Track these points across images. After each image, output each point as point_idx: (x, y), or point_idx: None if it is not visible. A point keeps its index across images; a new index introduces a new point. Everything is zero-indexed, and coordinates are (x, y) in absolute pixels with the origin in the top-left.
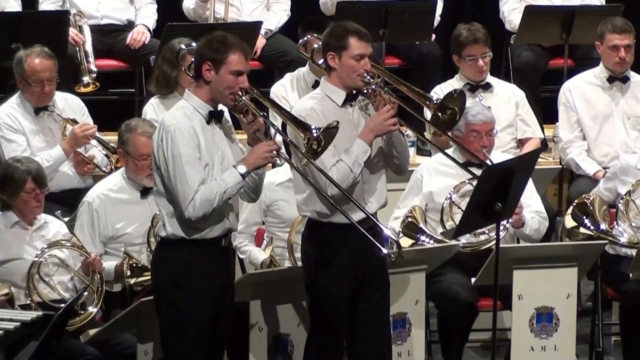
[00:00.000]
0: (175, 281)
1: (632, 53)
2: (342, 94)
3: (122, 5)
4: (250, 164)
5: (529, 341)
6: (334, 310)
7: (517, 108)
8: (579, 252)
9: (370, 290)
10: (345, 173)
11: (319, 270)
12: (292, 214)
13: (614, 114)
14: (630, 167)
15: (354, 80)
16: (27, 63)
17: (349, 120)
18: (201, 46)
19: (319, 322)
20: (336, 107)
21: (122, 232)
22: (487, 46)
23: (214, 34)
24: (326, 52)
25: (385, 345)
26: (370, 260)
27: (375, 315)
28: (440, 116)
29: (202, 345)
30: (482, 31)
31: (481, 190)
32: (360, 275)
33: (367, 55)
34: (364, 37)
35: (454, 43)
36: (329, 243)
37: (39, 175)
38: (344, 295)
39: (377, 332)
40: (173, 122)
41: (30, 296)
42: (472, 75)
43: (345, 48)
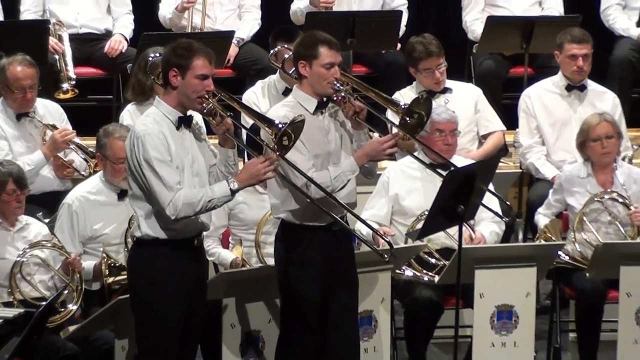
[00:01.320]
0: (149, 280)
1: (589, 62)
2: (313, 101)
3: (99, 15)
4: (243, 182)
5: (490, 338)
6: (306, 309)
7: (476, 106)
8: (538, 253)
9: (340, 289)
10: (325, 181)
11: (292, 271)
12: (252, 216)
13: (572, 121)
14: (573, 177)
15: (325, 87)
16: (10, 71)
17: (320, 127)
18: (166, 54)
19: (291, 321)
20: (308, 114)
21: (101, 233)
22: (441, 57)
23: (178, 41)
24: (297, 60)
25: (354, 343)
26: (340, 261)
27: (345, 314)
28: (408, 120)
29: (176, 341)
30: (435, 43)
31: (444, 193)
32: (331, 275)
33: (337, 64)
34: (334, 46)
35: (409, 57)
36: (301, 244)
37: (20, 178)
38: (315, 295)
39: (346, 330)
40: (143, 128)
41: (13, 294)
42: (430, 86)
43: (316, 57)
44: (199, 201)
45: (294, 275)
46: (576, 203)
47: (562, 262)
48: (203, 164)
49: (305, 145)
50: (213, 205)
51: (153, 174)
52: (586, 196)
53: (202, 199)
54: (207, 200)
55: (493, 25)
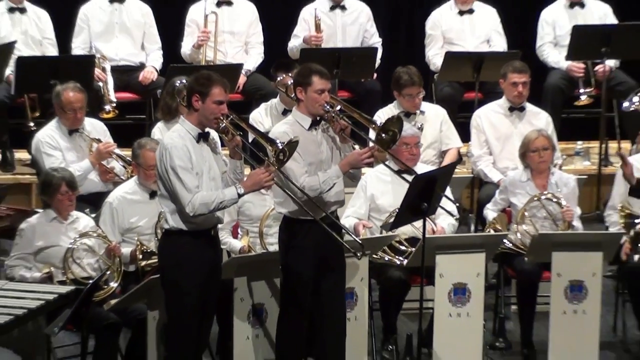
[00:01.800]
0: (175, 263)
1: (527, 88)
2: (308, 120)
3: (135, 51)
4: (247, 188)
5: (448, 309)
6: (301, 286)
7: (441, 125)
8: (486, 241)
9: (330, 271)
10: (315, 184)
11: (291, 255)
12: (257, 212)
13: (514, 135)
14: (515, 181)
15: (317, 109)
16: (63, 96)
17: (314, 140)
18: (191, 82)
19: (289, 294)
20: (304, 130)
21: (136, 225)
22: (421, 86)
23: (201, 72)
24: (295, 87)
25: (341, 313)
26: (331, 248)
27: (335, 290)
28: (383, 136)
29: (197, 312)
30: (417, 74)
31: (411, 193)
32: (323, 259)
33: (327, 90)
34: (325, 75)
35: (396, 83)
36: (299, 234)
37: (71, 181)
38: (308, 275)
39: (336, 303)
40: (170, 141)
41: (66, 274)
42: (408, 108)
43: (310, 84)
44: (212, 202)
45: (293, 259)
46: (518, 202)
47: (506, 249)
48: (217, 171)
49: (301, 155)
50: (223, 206)
51: (177, 179)
52: (527, 197)
53: (215, 201)
54: (219, 202)
55: (450, 59)
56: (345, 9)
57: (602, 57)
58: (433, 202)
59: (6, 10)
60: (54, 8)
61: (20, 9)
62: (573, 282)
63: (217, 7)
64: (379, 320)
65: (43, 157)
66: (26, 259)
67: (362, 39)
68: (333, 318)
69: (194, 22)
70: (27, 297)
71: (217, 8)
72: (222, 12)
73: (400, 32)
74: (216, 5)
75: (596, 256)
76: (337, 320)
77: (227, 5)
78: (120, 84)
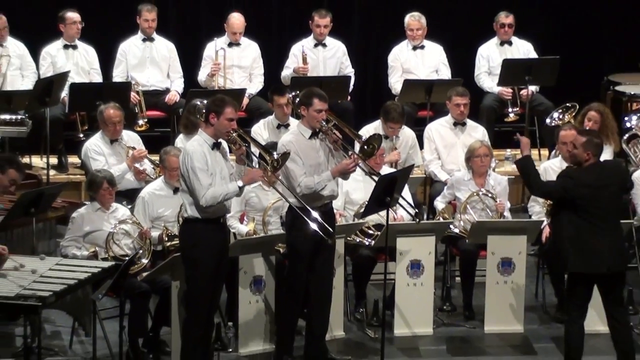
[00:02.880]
0: (193, 244)
1: (467, 108)
2: (309, 131)
3: (162, 78)
4: (245, 182)
5: (406, 280)
6: (299, 259)
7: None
8: (436, 227)
9: (323, 250)
10: (310, 184)
11: (293, 235)
12: (260, 204)
13: (457, 145)
14: (460, 180)
15: (316, 124)
16: (105, 112)
17: (313, 148)
18: (209, 103)
19: (290, 266)
20: (305, 139)
21: (162, 214)
22: (402, 122)
23: (217, 95)
24: (299, 106)
25: (329, 283)
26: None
27: (326, 264)
28: (365, 148)
29: (210, 282)
30: (403, 114)
31: (377, 190)
32: (317, 240)
33: (324, 110)
34: (323, 98)
35: (385, 113)
36: (299, 218)
37: (111, 180)
38: (306, 251)
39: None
40: (191, 148)
41: (107, 253)
42: (389, 134)
43: (311, 105)
44: (219, 195)
45: (295, 238)
46: (462, 196)
47: (451, 233)
48: (227, 173)
49: (301, 159)
50: (228, 197)
51: (195, 177)
52: (469, 192)
53: (222, 194)
54: (225, 194)
55: (407, 85)
56: (326, 46)
57: (526, 83)
58: (394, 196)
59: (62, 47)
60: (99, 45)
61: (73, 46)
62: (504, 259)
63: (229, 47)
64: (352, 289)
65: (90, 161)
66: (77, 240)
67: (339, 69)
68: (323, 287)
69: (209, 56)
70: (77, 271)
71: (228, 47)
72: (232, 51)
73: (368, 64)
74: (228, 45)
75: (522, 239)
76: (326, 289)
77: (236, 45)
78: (150, 104)
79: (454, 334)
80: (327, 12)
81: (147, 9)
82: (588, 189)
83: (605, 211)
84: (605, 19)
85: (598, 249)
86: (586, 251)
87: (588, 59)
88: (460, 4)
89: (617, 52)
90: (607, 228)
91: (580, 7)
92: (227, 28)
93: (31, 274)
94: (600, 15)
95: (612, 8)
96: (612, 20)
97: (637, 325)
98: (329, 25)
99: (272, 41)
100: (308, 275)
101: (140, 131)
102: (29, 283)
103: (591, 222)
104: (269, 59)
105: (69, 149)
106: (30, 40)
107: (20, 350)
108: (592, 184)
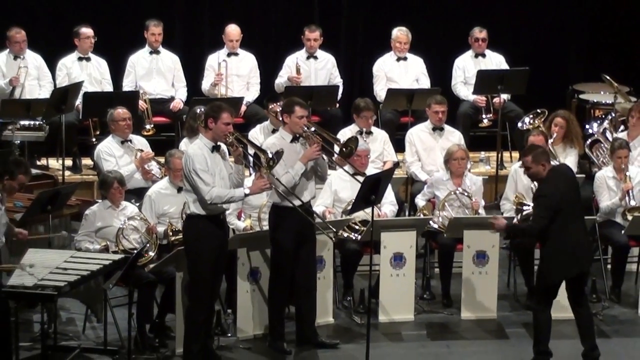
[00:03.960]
0: (195, 238)
1: (445, 115)
2: (290, 136)
3: (167, 87)
4: (252, 191)
5: (390, 271)
6: (284, 254)
7: (384, 144)
8: (417, 223)
9: (306, 242)
10: (290, 178)
11: (277, 232)
12: (256, 202)
13: (436, 148)
14: (439, 179)
15: (297, 129)
16: (115, 112)
17: (294, 150)
18: (207, 109)
19: (276, 261)
20: (287, 143)
21: (167, 211)
22: (373, 111)
23: (214, 102)
24: (282, 113)
25: (313, 273)
26: (306, 227)
27: (309, 256)
28: (343, 150)
29: (210, 273)
30: (371, 103)
31: (363, 189)
32: (299, 235)
33: (305, 116)
34: (303, 106)
35: (356, 108)
36: (282, 216)
37: (121, 180)
38: (290, 246)
39: (309, 266)
40: (192, 151)
41: (117, 246)
42: (364, 127)
43: (293, 112)
44: (225, 196)
45: (278, 235)
46: (441, 195)
47: (431, 228)
48: (226, 173)
49: (284, 161)
50: (232, 200)
51: (197, 177)
52: (447, 191)
53: (227, 195)
54: (230, 196)
55: (391, 94)
56: (317, 58)
57: (498, 92)
58: (379, 195)
59: (76, 59)
60: (110, 57)
61: (86, 58)
62: (478, 252)
63: (227, 57)
64: (341, 279)
65: (102, 162)
66: (89, 235)
67: (329, 79)
68: (308, 277)
69: (211, 67)
70: (90, 263)
71: (227, 58)
72: (231, 61)
73: (355, 74)
74: (227, 55)
75: (495, 233)
76: (310, 278)
77: (234, 55)
78: (157, 111)
79: (433, 320)
80: (317, 27)
81: (154, 24)
82: (562, 194)
83: (577, 210)
84: (570, 34)
85: (575, 252)
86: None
87: (554, 70)
88: (439, 20)
89: (581, 64)
90: (579, 228)
91: (547, 23)
92: (225, 37)
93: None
94: (565, 31)
95: (576, 24)
96: (576, 35)
97: (599, 312)
98: (319, 39)
99: (267, 53)
100: (294, 268)
101: (147, 135)
102: (46, 274)
103: (569, 226)
104: (264, 69)
105: (82, 151)
106: (47, 52)
107: (37, 335)
108: (561, 188)
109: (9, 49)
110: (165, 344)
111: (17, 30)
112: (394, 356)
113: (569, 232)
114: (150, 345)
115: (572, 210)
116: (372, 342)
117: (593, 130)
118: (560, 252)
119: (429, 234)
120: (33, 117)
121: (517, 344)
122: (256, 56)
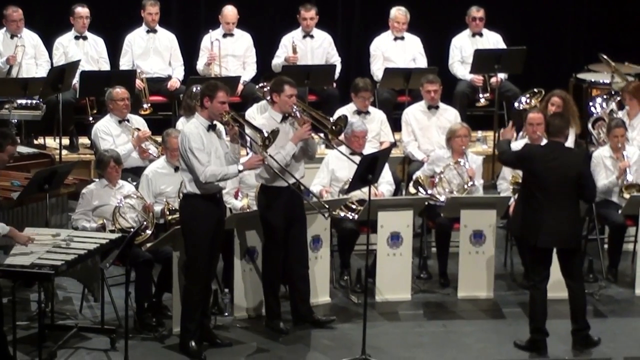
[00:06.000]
0: (191, 217)
1: (438, 93)
2: (279, 116)
3: (165, 66)
4: (245, 167)
5: (387, 250)
6: (275, 233)
7: (381, 124)
8: (414, 202)
9: (296, 221)
10: (282, 158)
11: (267, 212)
12: (252, 182)
13: (432, 127)
14: (440, 157)
15: (287, 108)
16: (114, 91)
17: (284, 131)
18: (202, 88)
19: (267, 240)
20: (277, 123)
21: (164, 191)
22: (371, 92)
23: (209, 81)
24: (271, 93)
25: (304, 253)
26: (296, 206)
27: (299, 235)
28: (333, 129)
29: (207, 252)
30: (370, 84)
31: (360, 168)
32: (289, 213)
33: (294, 95)
34: (292, 85)
35: (354, 87)
36: (271, 196)
37: (118, 159)
38: (280, 225)
39: (300, 244)
40: (188, 130)
41: (114, 225)
42: (361, 107)
43: (282, 91)
44: (219, 174)
45: (269, 214)
46: (439, 170)
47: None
48: (222, 152)
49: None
50: (227, 178)
51: (193, 156)
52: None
53: (221, 173)
54: (224, 174)
55: (388, 73)
56: (314, 37)
57: (495, 71)
58: (376, 174)
59: (73, 37)
60: (108, 36)
61: (83, 37)
62: (475, 231)
63: (223, 37)
64: (338, 258)
65: (99, 141)
66: (86, 214)
67: (325, 58)
68: (299, 255)
69: (205, 47)
70: (87, 242)
71: (222, 38)
72: (226, 41)
73: (352, 53)
74: (222, 36)
75: (491, 213)
76: (302, 257)
77: (230, 36)
78: (154, 90)
79: (430, 300)
80: (312, 6)
81: (150, 3)
82: (540, 164)
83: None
84: (567, 13)
85: (543, 224)
86: (533, 225)
87: (551, 49)
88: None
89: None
90: (555, 206)
91: (545, 1)
92: (221, 19)
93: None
94: (563, 10)
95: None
96: (574, 14)
97: (596, 292)
98: (315, 18)
99: (263, 32)
100: (285, 246)
101: (144, 115)
102: (43, 253)
103: (540, 198)
104: (261, 48)
105: (79, 130)
106: (44, 31)
107: (35, 314)
108: (544, 159)
109: (5, 27)
110: (163, 323)
111: (14, 9)
112: (390, 335)
113: (534, 203)
114: (147, 324)
115: (545, 186)
116: (369, 322)
117: (596, 108)
118: (524, 217)
119: (426, 212)
120: (30, 96)
121: (514, 324)
122: (252, 35)
